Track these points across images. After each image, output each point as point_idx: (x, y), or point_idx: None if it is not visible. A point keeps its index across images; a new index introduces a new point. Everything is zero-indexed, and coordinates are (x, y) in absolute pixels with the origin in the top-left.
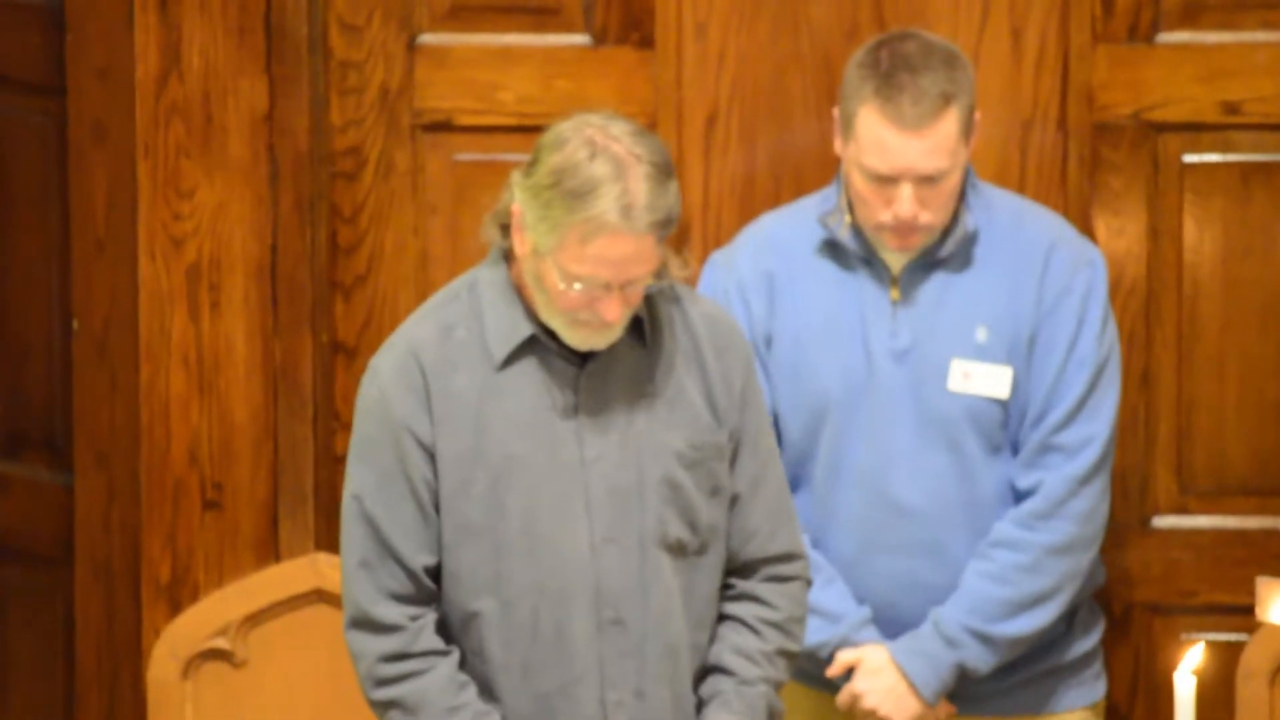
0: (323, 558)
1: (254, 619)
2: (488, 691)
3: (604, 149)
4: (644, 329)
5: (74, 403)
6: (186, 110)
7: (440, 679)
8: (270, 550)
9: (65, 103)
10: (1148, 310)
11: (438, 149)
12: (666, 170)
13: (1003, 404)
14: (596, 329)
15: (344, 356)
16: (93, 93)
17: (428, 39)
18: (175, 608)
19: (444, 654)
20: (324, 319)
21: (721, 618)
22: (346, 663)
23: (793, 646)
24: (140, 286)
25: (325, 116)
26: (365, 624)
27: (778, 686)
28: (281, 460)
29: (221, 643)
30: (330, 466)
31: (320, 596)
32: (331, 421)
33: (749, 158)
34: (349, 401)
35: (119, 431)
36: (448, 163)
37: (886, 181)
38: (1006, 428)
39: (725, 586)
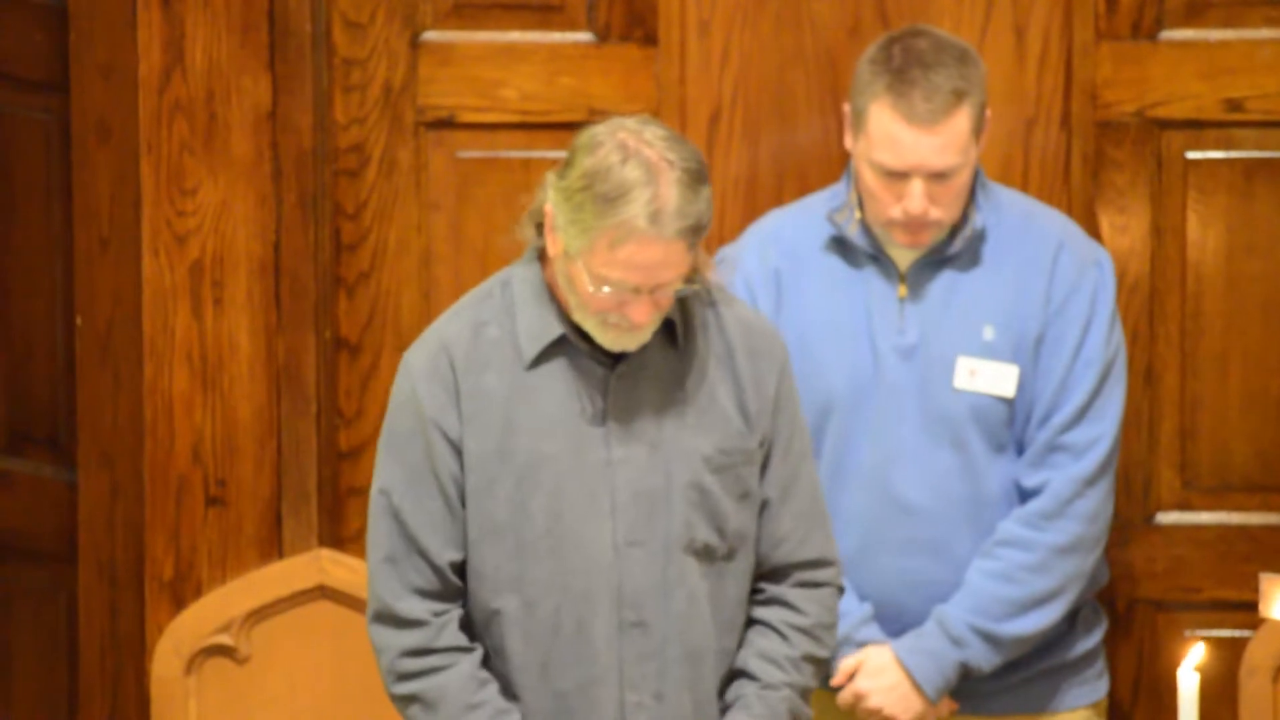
0: (326, 554)
1: (257, 615)
2: (507, 690)
3: (636, 153)
4: (676, 332)
5: (77, 400)
6: (190, 107)
7: (461, 675)
8: (274, 547)
9: (68, 100)
10: (1151, 307)
11: (441, 146)
12: (699, 176)
13: (1008, 403)
14: (626, 330)
15: (347, 353)
16: (96, 90)
17: (431, 36)
18: (178, 604)
19: (466, 650)
20: (327, 316)
21: (750, 622)
22: (350, 659)
23: (821, 653)
24: (144, 283)
25: (329, 113)
26: (388, 618)
27: (804, 692)
28: (285, 457)
29: (225, 639)
30: (334, 463)
31: (323, 593)
32: (335, 418)
33: (752, 155)
34: (352, 398)
35: (122, 428)
36: (451, 160)
37: (897, 177)
38: (1011, 426)
39: (755, 591)
